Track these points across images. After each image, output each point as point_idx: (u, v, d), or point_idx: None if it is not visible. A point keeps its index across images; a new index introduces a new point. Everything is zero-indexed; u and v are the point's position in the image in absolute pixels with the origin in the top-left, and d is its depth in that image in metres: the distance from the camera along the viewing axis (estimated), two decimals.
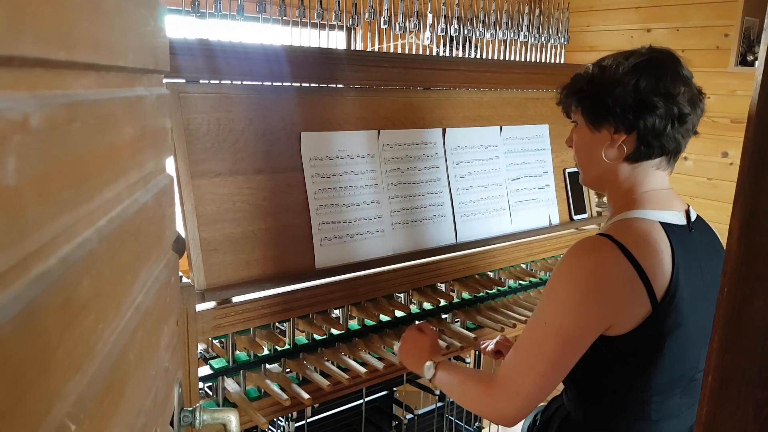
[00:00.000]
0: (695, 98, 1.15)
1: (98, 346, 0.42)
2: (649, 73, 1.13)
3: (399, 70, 1.60)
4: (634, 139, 1.14)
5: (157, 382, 0.61)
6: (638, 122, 1.12)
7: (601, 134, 1.17)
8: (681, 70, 1.15)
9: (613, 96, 1.13)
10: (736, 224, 0.51)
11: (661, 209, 1.15)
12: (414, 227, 1.63)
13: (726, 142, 2.68)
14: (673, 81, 1.12)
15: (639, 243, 1.08)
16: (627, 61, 1.15)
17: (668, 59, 1.16)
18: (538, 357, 1.10)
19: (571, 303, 1.08)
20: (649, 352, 1.11)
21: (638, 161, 1.16)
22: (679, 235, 1.13)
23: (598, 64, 1.21)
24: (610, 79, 1.15)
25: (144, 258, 0.55)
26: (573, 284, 1.09)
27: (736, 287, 0.51)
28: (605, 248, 1.08)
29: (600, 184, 1.25)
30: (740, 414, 0.51)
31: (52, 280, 0.33)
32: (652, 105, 1.11)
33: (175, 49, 1.20)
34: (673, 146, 1.15)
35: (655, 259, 1.08)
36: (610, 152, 1.17)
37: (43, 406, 0.32)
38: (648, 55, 1.16)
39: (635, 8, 2.93)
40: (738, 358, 0.51)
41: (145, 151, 0.56)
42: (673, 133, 1.13)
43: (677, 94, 1.12)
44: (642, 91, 1.11)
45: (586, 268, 1.08)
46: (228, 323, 1.27)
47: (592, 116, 1.18)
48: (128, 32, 0.50)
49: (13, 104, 0.28)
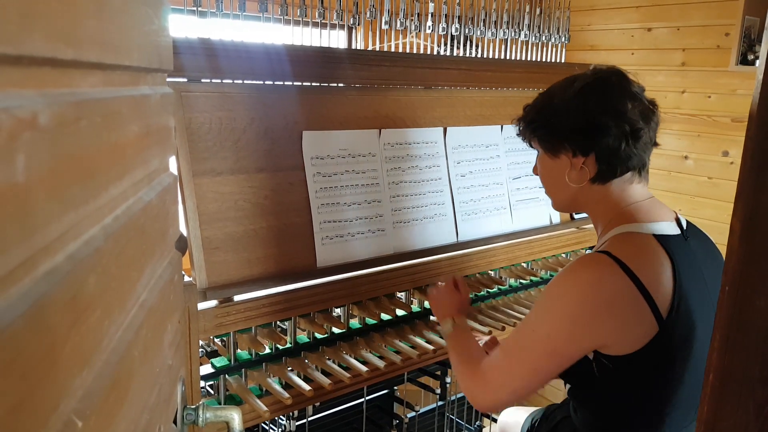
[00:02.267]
0: (647, 111, 1.14)
1: (104, 342, 0.42)
2: (595, 93, 1.13)
3: (400, 69, 1.60)
4: (593, 161, 1.14)
5: (161, 379, 0.61)
6: (592, 144, 1.12)
7: (561, 160, 1.18)
8: (628, 86, 1.15)
9: (563, 122, 1.14)
10: (737, 223, 0.51)
11: (651, 221, 1.13)
12: (415, 226, 1.63)
13: (726, 142, 2.68)
14: (621, 98, 1.12)
15: (638, 258, 1.06)
16: (573, 86, 1.15)
17: (614, 77, 1.16)
18: (519, 362, 1.11)
19: (564, 315, 1.07)
20: (661, 369, 1.08)
21: (606, 181, 1.16)
22: (675, 246, 1.11)
23: (546, 93, 1.22)
24: (558, 106, 1.16)
25: (148, 255, 0.56)
26: (569, 298, 1.07)
27: (737, 286, 0.52)
28: (605, 264, 1.06)
29: (574, 206, 1.26)
30: (741, 412, 0.52)
31: (60, 277, 0.33)
32: (602, 125, 1.11)
33: (178, 49, 1.20)
34: (635, 161, 1.14)
35: (656, 274, 1.06)
36: (573, 175, 1.17)
37: (52, 402, 0.33)
38: (593, 76, 1.16)
39: (636, 7, 2.93)
40: (739, 357, 0.52)
41: (150, 150, 0.56)
42: (629, 150, 1.12)
43: (626, 110, 1.11)
44: (590, 112, 1.12)
45: (585, 284, 1.06)
46: (229, 322, 1.27)
47: (547, 144, 1.20)
48: (133, 31, 0.51)
49: (22, 102, 0.29)
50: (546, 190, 1.28)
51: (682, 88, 2.77)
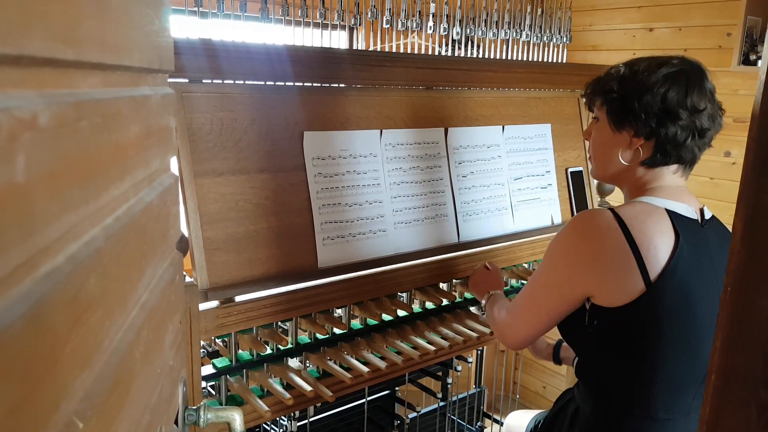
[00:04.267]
0: (716, 114, 1.19)
1: (105, 343, 0.42)
2: (678, 84, 1.16)
3: (401, 69, 1.60)
4: (652, 146, 1.18)
5: (162, 380, 0.61)
6: (659, 130, 1.16)
7: (621, 135, 1.21)
8: (707, 85, 1.19)
9: (640, 101, 1.16)
10: (739, 224, 0.51)
11: (670, 199, 1.18)
12: (416, 227, 1.63)
13: (729, 142, 2.68)
14: (700, 96, 1.16)
15: (638, 219, 1.12)
16: (659, 70, 1.17)
17: (697, 73, 1.19)
18: (531, 302, 1.25)
19: (558, 260, 1.19)
20: (648, 336, 1.12)
21: (653, 167, 1.20)
22: (687, 226, 1.15)
23: (631, 67, 1.22)
24: (640, 85, 1.17)
25: (149, 256, 0.55)
26: (564, 249, 1.18)
27: (740, 286, 0.51)
28: (603, 217, 1.13)
29: (613, 180, 1.30)
30: (743, 413, 0.51)
31: (60, 278, 0.33)
32: (676, 116, 1.15)
33: (178, 49, 1.20)
34: (690, 157, 1.19)
35: (652, 238, 1.11)
36: (627, 154, 1.21)
37: (52, 403, 0.33)
38: (679, 66, 1.18)
39: (637, 7, 2.92)
40: (741, 357, 0.52)
41: (151, 150, 0.56)
42: (692, 145, 1.17)
43: (702, 109, 1.16)
44: (669, 101, 1.15)
45: (579, 231, 1.15)
46: (231, 322, 1.27)
47: (616, 117, 1.21)
48: (134, 31, 0.51)
49: (21, 103, 0.29)
50: (592, 156, 1.32)
51: None
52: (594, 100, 1.27)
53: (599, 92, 1.26)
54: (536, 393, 3.59)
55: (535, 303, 1.24)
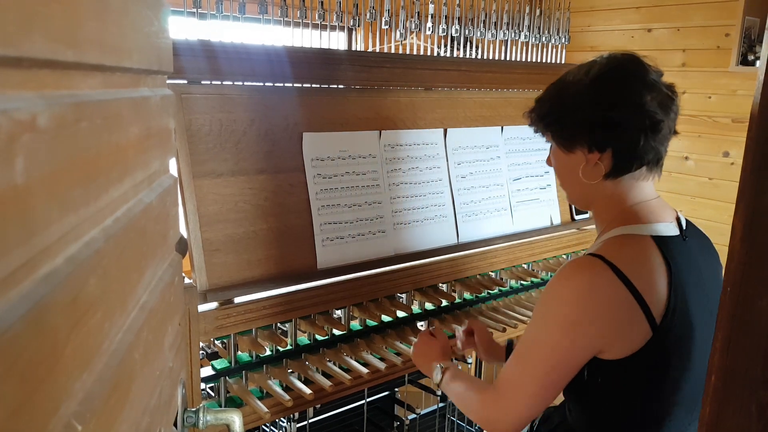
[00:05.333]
0: (666, 100, 1.08)
1: (105, 344, 0.42)
2: (611, 84, 1.07)
3: (400, 70, 1.60)
4: (610, 156, 1.08)
5: (162, 381, 0.61)
6: (610, 140, 1.07)
7: (576, 155, 1.12)
8: (646, 74, 1.08)
9: (578, 117, 1.09)
10: (738, 224, 0.51)
11: (651, 222, 1.09)
12: (415, 227, 1.63)
13: (727, 142, 2.68)
14: (639, 89, 1.06)
15: (632, 263, 1.03)
16: (587, 76, 1.09)
17: (630, 64, 1.09)
18: (528, 377, 1.07)
19: (561, 324, 1.04)
20: (655, 375, 1.06)
21: (619, 176, 1.11)
22: (673, 248, 1.08)
23: (560, 83, 1.15)
24: (572, 99, 1.10)
25: (149, 257, 0.55)
26: (564, 306, 1.04)
27: (739, 287, 0.51)
28: (597, 269, 1.02)
29: (586, 204, 1.20)
30: (743, 414, 0.51)
31: (60, 279, 0.33)
32: (619, 120, 1.05)
33: (178, 50, 1.20)
34: (652, 155, 1.09)
35: (650, 278, 1.03)
36: (588, 172, 1.11)
37: (52, 405, 0.33)
38: (608, 64, 1.09)
39: (636, 8, 2.93)
40: (741, 357, 0.51)
41: (150, 151, 0.56)
42: (648, 144, 1.06)
43: (645, 102, 1.05)
44: (606, 107, 1.06)
45: (577, 290, 1.03)
46: (230, 324, 1.27)
47: (562, 140, 1.14)
48: (133, 33, 0.50)
49: (21, 104, 0.29)
50: (561, 184, 1.23)
51: (683, 88, 2.76)
52: (538, 129, 1.19)
53: (537, 121, 1.18)
54: None
55: (539, 374, 1.06)
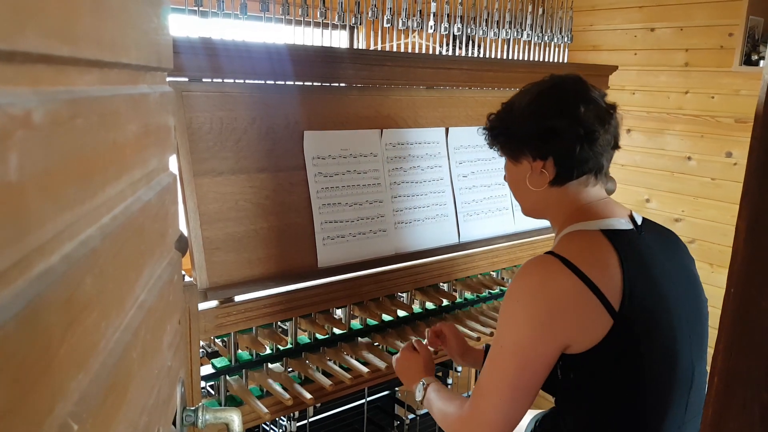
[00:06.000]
0: (603, 114, 1.16)
1: (101, 344, 0.41)
2: (550, 98, 1.16)
3: (402, 69, 1.59)
4: (552, 164, 1.16)
5: (160, 380, 0.60)
6: (549, 148, 1.15)
7: (522, 165, 1.21)
8: (585, 91, 1.16)
9: (521, 127, 1.18)
10: (742, 225, 0.51)
11: (600, 218, 1.15)
12: (416, 227, 1.63)
13: (730, 142, 2.67)
14: (574, 101, 1.14)
15: (583, 255, 1.07)
16: (530, 92, 1.19)
17: (570, 83, 1.18)
18: (499, 382, 1.09)
19: (522, 323, 1.07)
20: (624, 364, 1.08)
21: (563, 183, 1.18)
22: (625, 240, 1.12)
23: (508, 102, 1.25)
24: (516, 112, 1.20)
25: (147, 256, 0.55)
26: (522, 304, 1.08)
27: (742, 288, 0.51)
28: (549, 265, 1.07)
29: (538, 212, 1.27)
30: (746, 415, 0.51)
31: (55, 278, 0.33)
32: (556, 129, 1.14)
33: (178, 48, 1.19)
34: (592, 164, 1.16)
35: (603, 268, 1.07)
36: (534, 179, 1.19)
37: (46, 405, 0.32)
38: (549, 83, 1.19)
39: (639, 7, 2.92)
40: (744, 359, 0.51)
41: (149, 149, 0.56)
42: (585, 153, 1.14)
43: (579, 113, 1.13)
44: (545, 117, 1.15)
45: (533, 287, 1.07)
46: (230, 322, 1.27)
47: (508, 150, 1.23)
48: (132, 29, 0.50)
49: (14, 100, 0.28)
50: (514, 196, 1.30)
51: (685, 88, 2.76)
52: (491, 145, 1.28)
53: (488, 136, 1.27)
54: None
55: (511, 378, 1.07)
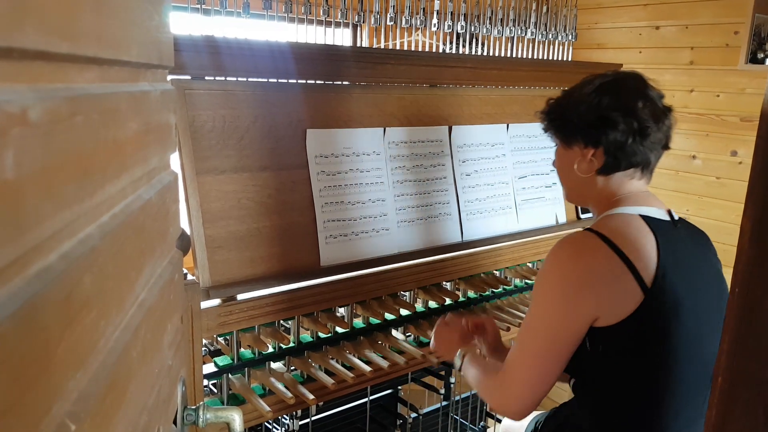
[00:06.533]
0: (658, 112, 1.20)
1: (101, 343, 0.41)
2: (610, 91, 1.20)
3: (405, 67, 1.59)
4: (602, 153, 1.21)
5: (161, 379, 0.60)
6: (602, 137, 1.19)
7: (573, 151, 1.25)
8: (644, 88, 1.21)
9: (577, 114, 1.22)
10: (747, 224, 0.50)
11: (640, 205, 1.19)
12: (419, 225, 1.62)
13: (735, 141, 2.65)
14: (633, 97, 1.19)
15: (620, 232, 1.12)
16: (592, 83, 1.23)
17: (632, 79, 1.23)
18: (529, 353, 1.14)
19: (552, 295, 1.12)
20: (652, 342, 1.11)
21: (610, 173, 1.22)
22: (663, 228, 1.16)
23: (569, 89, 1.30)
24: (575, 99, 1.24)
25: (148, 255, 0.55)
26: (556, 277, 1.13)
27: (747, 288, 0.51)
28: (584, 239, 1.13)
29: (581, 199, 1.33)
30: (750, 416, 0.51)
31: (53, 277, 0.33)
32: (612, 120, 1.18)
33: (181, 46, 1.19)
34: (640, 158, 1.20)
35: (638, 244, 1.11)
36: (582, 166, 1.24)
37: (44, 405, 0.32)
38: (612, 76, 1.24)
39: (644, 5, 2.91)
40: (748, 359, 0.51)
41: (150, 147, 0.55)
42: (635, 146, 1.19)
43: (636, 108, 1.17)
44: (603, 107, 1.19)
45: (567, 260, 1.13)
46: (233, 321, 1.27)
47: (562, 134, 1.27)
48: (132, 26, 0.50)
49: (12, 97, 0.28)
50: (560, 181, 1.34)
51: (690, 86, 2.75)
52: (545, 128, 1.32)
53: (545, 119, 1.31)
54: None
55: (539, 349, 1.12)
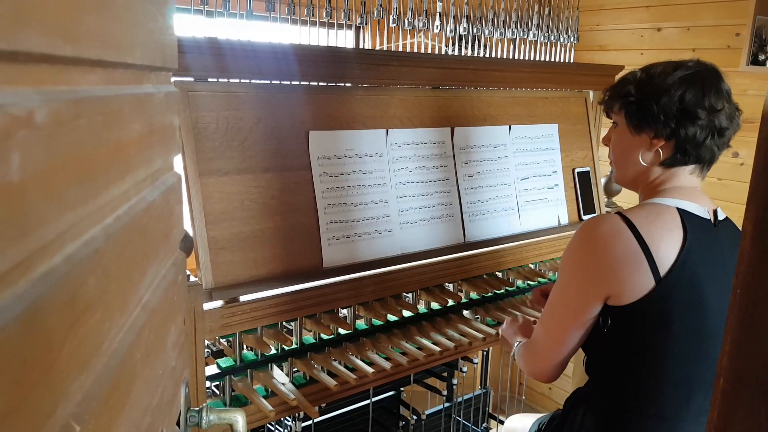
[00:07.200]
0: (733, 113, 1.22)
1: (104, 345, 0.41)
2: (695, 86, 1.18)
3: (407, 68, 1.59)
4: (672, 146, 1.20)
5: (164, 381, 0.60)
6: (679, 131, 1.18)
7: (641, 138, 1.23)
8: (723, 86, 1.21)
9: (658, 104, 1.19)
10: (749, 225, 0.50)
11: (682, 199, 1.20)
12: (422, 227, 1.62)
13: (737, 142, 2.64)
14: (717, 96, 1.19)
15: (647, 219, 1.15)
16: (675, 72, 1.20)
17: (713, 74, 1.21)
18: (550, 323, 1.24)
19: (574, 272, 1.19)
20: (657, 331, 1.14)
21: (672, 167, 1.23)
22: (698, 224, 1.17)
23: (647, 71, 1.25)
24: (657, 87, 1.20)
25: (151, 256, 0.55)
26: (576, 255, 1.19)
27: (749, 289, 0.50)
28: (608, 221, 1.16)
29: (633, 185, 1.31)
30: (752, 418, 0.50)
31: (57, 279, 0.33)
32: (695, 116, 1.17)
33: (184, 48, 1.19)
34: (709, 156, 1.22)
35: (661, 236, 1.13)
36: (647, 156, 1.23)
37: (47, 407, 0.32)
38: (695, 68, 1.21)
39: (646, 7, 2.91)
40: (751, 360, 0.51)
41: (153, 149, 0.56)
42: (711, 145, 1.20)
43: (720, 108, 1.18)
44: (687, 102, 1.17)
45: (589, 237, 1.17)
46: (235, 322, 1.27)
47: (634, 120, 1.24)
48: (136, 28, 0.50)
49: (17, 99, 0.28)
50: (613, 161, 1.33)
51: None
52: (612, 105, 1.29)
53: (617, 97, 1.27)
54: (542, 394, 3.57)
55: (559, 322, 1.22)
